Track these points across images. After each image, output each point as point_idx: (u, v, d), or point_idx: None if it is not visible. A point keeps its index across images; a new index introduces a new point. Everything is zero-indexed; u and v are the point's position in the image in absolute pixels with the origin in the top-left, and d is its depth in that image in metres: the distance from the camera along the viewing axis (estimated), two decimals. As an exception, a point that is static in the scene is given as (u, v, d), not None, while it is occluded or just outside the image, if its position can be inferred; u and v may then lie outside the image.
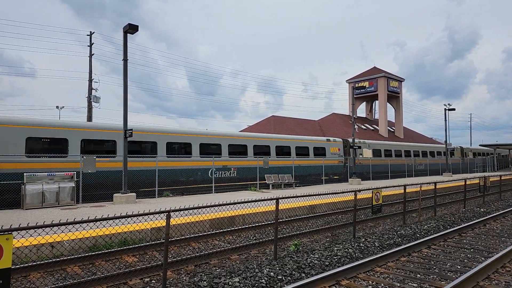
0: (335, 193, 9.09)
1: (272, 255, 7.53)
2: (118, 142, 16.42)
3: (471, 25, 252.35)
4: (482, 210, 14.00)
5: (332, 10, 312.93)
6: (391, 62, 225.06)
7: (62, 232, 6.71)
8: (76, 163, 14.78)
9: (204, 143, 19.82)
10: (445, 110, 37.36)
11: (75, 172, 14.00)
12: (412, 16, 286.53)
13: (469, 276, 5.61)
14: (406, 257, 7.32)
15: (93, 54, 30.75)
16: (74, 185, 13.62)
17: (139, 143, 17.35)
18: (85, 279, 5.81)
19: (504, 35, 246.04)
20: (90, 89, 30.14)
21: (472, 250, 7.97)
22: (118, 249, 7.63)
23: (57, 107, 46.28)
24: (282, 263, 6.63)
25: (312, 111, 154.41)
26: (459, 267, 6.68)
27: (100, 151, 15.99)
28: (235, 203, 6.65)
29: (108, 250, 7.44)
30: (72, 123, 15.88)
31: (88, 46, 30.82)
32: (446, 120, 37.25)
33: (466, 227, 10.10)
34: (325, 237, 9.65)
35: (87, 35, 30.86)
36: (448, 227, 10.67)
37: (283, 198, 7.52)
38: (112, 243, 8.17)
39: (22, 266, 6.30)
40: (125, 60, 14.26)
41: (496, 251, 7.75)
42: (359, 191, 9.13)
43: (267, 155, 22.76)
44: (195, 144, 19.30)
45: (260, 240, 8.69)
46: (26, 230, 3.95)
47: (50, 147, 14.85)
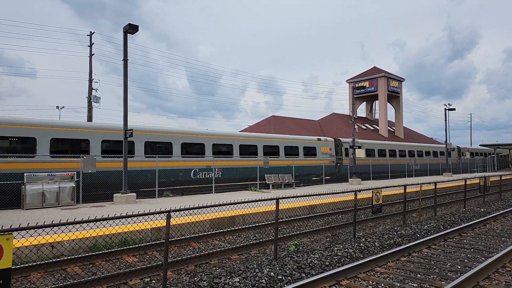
0: (335, 193, 9.09)
1: (272, 255, 7.53)
2: (92, 141, 15.74)
3: (471, 25, 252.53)
4: (482, 210, 14.01)
5: (332, 10, 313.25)
6: (391, 62, 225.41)
7: (62, 232, 6.71)
8: (51, 163, 14.28)
9: (186, 143, 19.06)
10: (445, 110, 37.42)
11: (75, 172, 14.00)
12: (412, 16, 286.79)
13: (469, 276, 5.61)
14: (406, 257, 7.33)
15: (93, 54, 30.79)
16: (74, 185, 13.63)
17: (120, 143, 16.28)
18: (85, 279, 5.82)
19: (504, 35, 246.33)
20: (90, 89, 30.17)
21: (472, 250, 7.97)
22: (118, 249, 7.63)
23: (57, 107, 46.36)
24: (282, 263, 6.63)
25: (312, 111, 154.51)
26: (459, 267, 6.68)
27: (71, 151, 15.21)
28: (235, 203, 6.65)
29: (108, 250, 7.44)
30: (42, 121, 15.04)
31: (88, 46, 30.85)
32: (446, 120, 37.33)
33: (466, 227, 10.10)
34: (325, 237, 9.65)
35: (87, 35, 30.90)
36: (448, 227, 10.67)
37: (283, 198, 7.52)
38: (112, 243, 8.18)
39: (22, 266, 6.30)
40: (125, 60, 14.27)
41: (496, 251, 7.75)
42: (359, 191, 9.13)
43: (255, 155, 21.97)
44: (176, 144, 18.56)
45: (260, 240, 8.69)
46: (26, 230, 3.95)
47: (17, 146, 14.22)
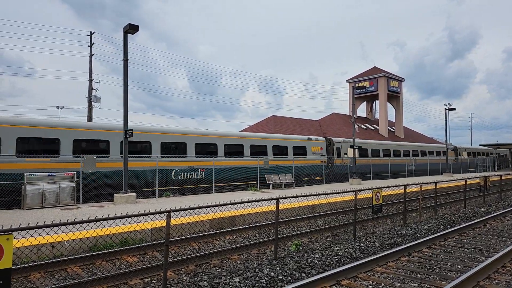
0: (336, 193, 9.09)
1: (272, 255, 7.53)
2: (62, 140, 15.11)
3: (471, 25, 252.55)
4: (482, 209, 14.00)
5: (332, 10, 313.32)
6: (391, 62, 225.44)
7: (62, 232, 6.71)
8: (17, 163, 13.86)
9: (167, 142, 18.33)
10: (445, 110, 37.43)
11: (75, 172, 14.01)
12: (412, 16, 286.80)
13: (469, 275, 5.61)
14: (406, 256, 7.32)
15: (93, 54, 30.78)
16: (74, 185, 13.64)
17: (97, 142, 16.09)
18: (85, 279, 5.82)
19: (504, 35, 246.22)
20: (91, 89, 30.18)
21: (472, 249, 7.96)
22: (119, 249, 7.63)
23: (57, 107, 46.44)
24: (283, 263, 6.63)
25: (312, 111, 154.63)
26: (459, 266, 6.68)
27: (40, 151, 14.58)
28: (235, 203, 6.65)
29: (109, 250, 7.44)
30: (9, 119, 14.49)
31: (88, 46, 30.86)
32: (446, 120, 37.33)
33: (467, 226, 10.10)
34: (325, 237, 9.65)
35: (87, 35, 30.90)
36: (449, 226, 10.67)
37: (283, 198, 7.51)
38: (113, 243, 8.18)
39: (22, 266, 6.30)
40: (125, 60, 14.27)
41: (496, 251, 7.75)
42: (359, 190, 9.13)
43: (241, 155, 21.45)
44: (155, 143, 17.83)
45: (261, 240, 8.69)
46: (27, 230, 3.95)
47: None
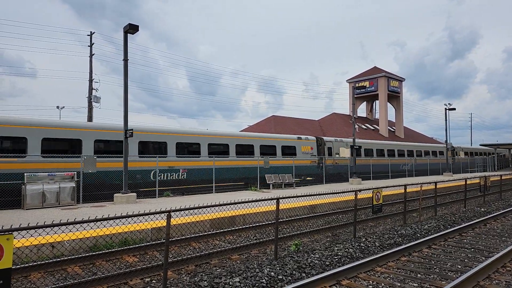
0: (336, 192, 9.09)
1: (272, 255, 7.53)
2: (29, 139, 14.36)
3: (471, 25, 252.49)
4: (482, 209, 14.00)
5: (332, 10, 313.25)
6: (391, 62, 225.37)
7: (62, 232, 6.70)
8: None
9: (146, 141, 17.73)
10: (445, 109, 37.43)
11: (75, 172, 14.01)
12: (412, 16, 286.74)
13: (469, 275, 5.61)
14: (406, 256, 7.32)
15: (93, 54, 30.80)
16: (74, 185, 13.64)
17: (68, 141, 15.44)
18: (85, 279, 5.82)
19: (504, 35, 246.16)
20: (91, 89, 30.20)
21: (472, 249, 7.96)
22: (119, 249, 7.63)
23: (57, 107, 46.48)
24: (283, 263, 6.63)
25: (312, 111, 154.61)
26: (459, 266, 6.67)
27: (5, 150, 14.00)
28: (235, 203, 6.65)
29: (109, 250, 7.44)
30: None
31: (88, 46, 30.87)
32: (446, 120, 37.33)
33: (467, 226, 10.10)
34: (325, 237, 9.64)
35: (88, 35, 30.92)
36: (449, 226, 10.67)
37: (283, 198, 7.51)
38: (113, 243, 8.18)
39: (22, 266, 6.30)
40: (125, 60, 14.27)
41: (496, 251, 7.75)
42: (359, 190, 9.13)
43: (226, 154, 20.74)
44: (133, 143, 17.00)
45: (261, 240, 8.69)
46: (27, 230, 3.95)
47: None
